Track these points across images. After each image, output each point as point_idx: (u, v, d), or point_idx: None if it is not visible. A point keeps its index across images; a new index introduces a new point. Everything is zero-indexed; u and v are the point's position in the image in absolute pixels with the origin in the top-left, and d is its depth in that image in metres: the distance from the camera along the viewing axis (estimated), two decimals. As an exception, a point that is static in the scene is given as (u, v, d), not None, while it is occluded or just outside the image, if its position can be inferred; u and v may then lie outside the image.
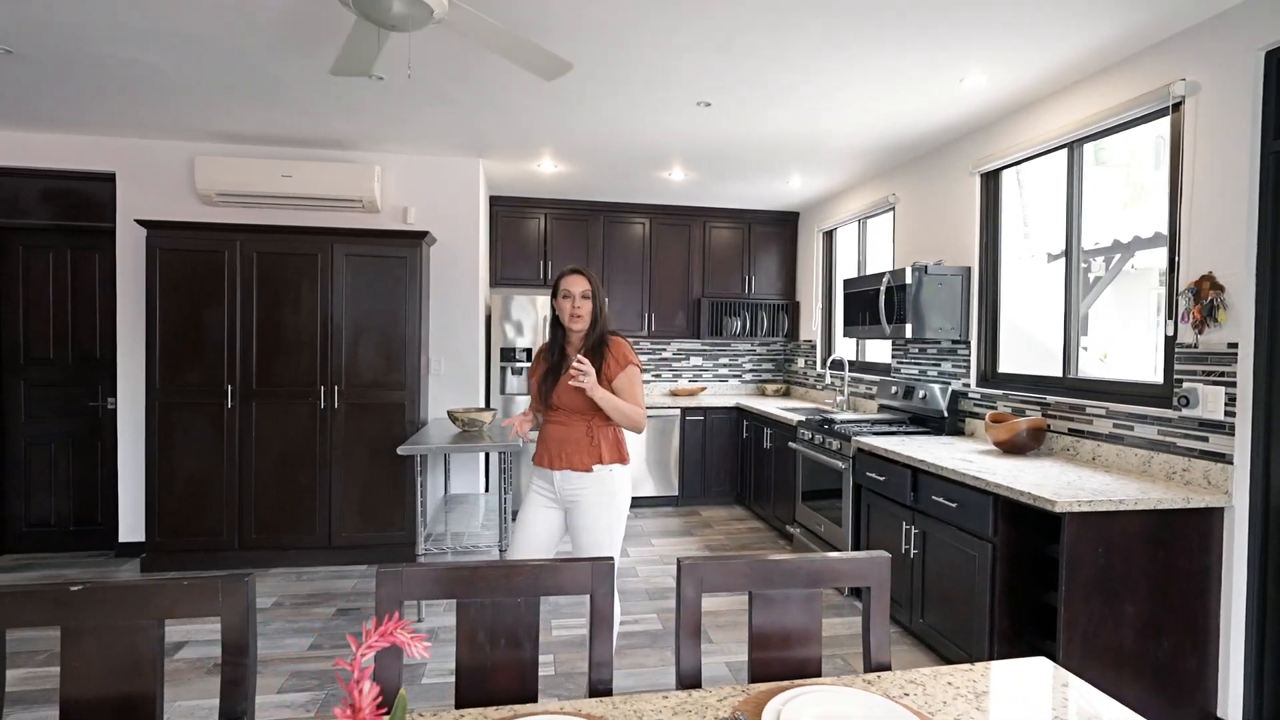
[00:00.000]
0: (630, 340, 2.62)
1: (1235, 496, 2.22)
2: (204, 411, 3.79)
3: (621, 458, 2.33)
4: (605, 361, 2.29)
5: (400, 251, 3.93)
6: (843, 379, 4.95)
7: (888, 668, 1.27)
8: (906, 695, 1.13)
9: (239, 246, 3.79)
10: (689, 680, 1.21)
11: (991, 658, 2.47)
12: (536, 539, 2.35)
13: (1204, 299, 2.31)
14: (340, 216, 4.17)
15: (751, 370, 6.17)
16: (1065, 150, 3.01)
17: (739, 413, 5.37)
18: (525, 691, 1.20)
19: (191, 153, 4.01)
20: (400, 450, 3.16)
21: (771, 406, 4.98)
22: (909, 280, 3.53)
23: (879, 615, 1.27)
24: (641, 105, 3.28)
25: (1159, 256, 3.15)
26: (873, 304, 3.88)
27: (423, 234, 3.93)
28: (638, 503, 5.28)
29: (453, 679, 2.65)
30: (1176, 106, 2.44)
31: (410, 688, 2.60)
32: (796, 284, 5.87)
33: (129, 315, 3.98)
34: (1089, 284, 3.55)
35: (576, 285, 2.30)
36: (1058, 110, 3.01)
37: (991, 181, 3.49)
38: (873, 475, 3.25)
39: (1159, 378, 2.58)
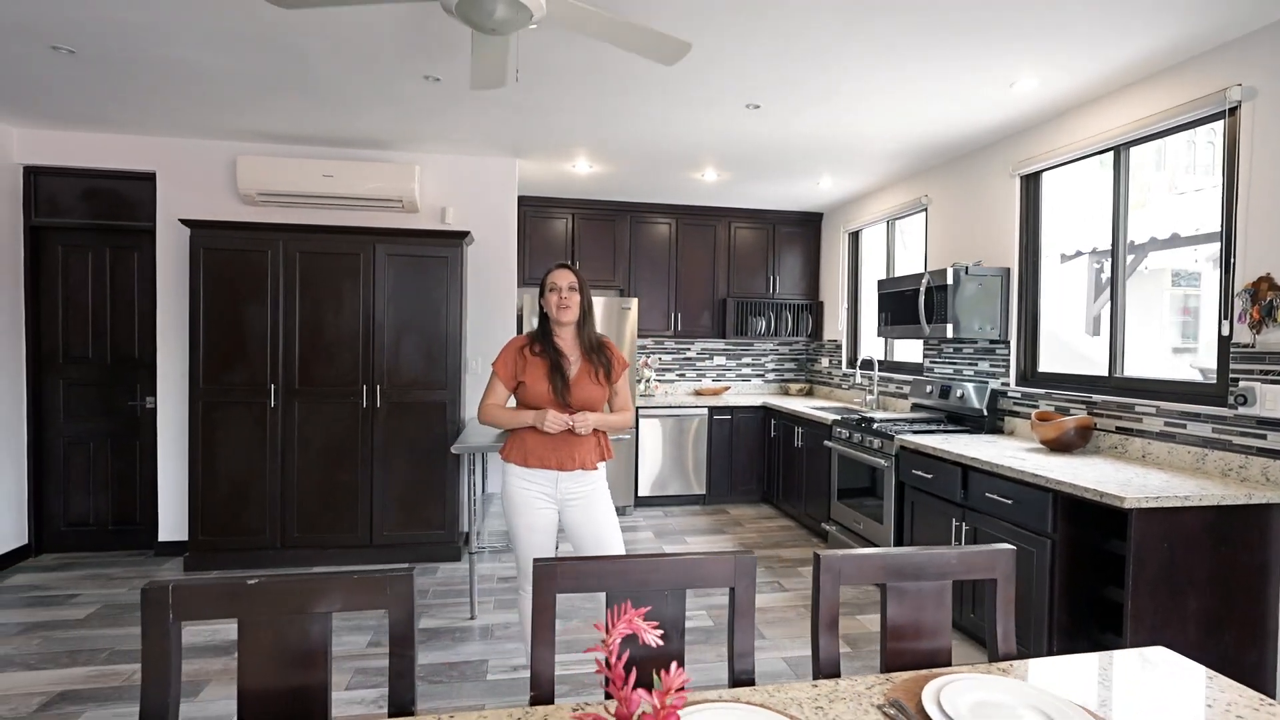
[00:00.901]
0: (656, 340, 2.63)
1: (1294, 493, 2.28)
2: (247, 410, 3.80)
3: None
4: (610, 363, 2.38)
5: (441, 251, 3.95)
6: (872, 378, 5.00)
7: (1014, 657, 1.31)
8: (1045, 682, 1.16)
9: (282, 246, 3.80)
10: (828, 670, 1.25)
11: (1050, 651, 2.52)
12: (548, 544, 2.37)
13: (1262, 299, 2.36)
14: (379, 216, 4.19)
15: (774, 370, 6.22)
16: (1111, 154, 3.06)
17: (766, 412, 5.41)
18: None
19: (232, 152, 4.02)
20: (454, 449, 3.18)
21: (800, 405, 5.03)
22: (950, 280, 3.58)
23: (1005, 607, 1.31)
24: (691, 106, 3.32)
25: (1170, 258, 3.22)
26: (909, 304, 3.93)
27: (464, 234, 3.95)
28: (665, 501, 5.31)
29: (517, 675, 2.69)
30: (1232, 111, 2.49)
31: (476, 684, 2.63)
32: (820, 284, 5.92)
33: (169, 315, 3.98)
34: (1101, 285, 3.61)
35: (564, 279, 2.34)
36: (1104, 114, 3.06)
37: (1032, 183, 3.54)
38: (919, 473, 3.29)
39: (1177, 374, 2.63)
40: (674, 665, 0.66)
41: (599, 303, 5.09)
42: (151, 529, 4.09)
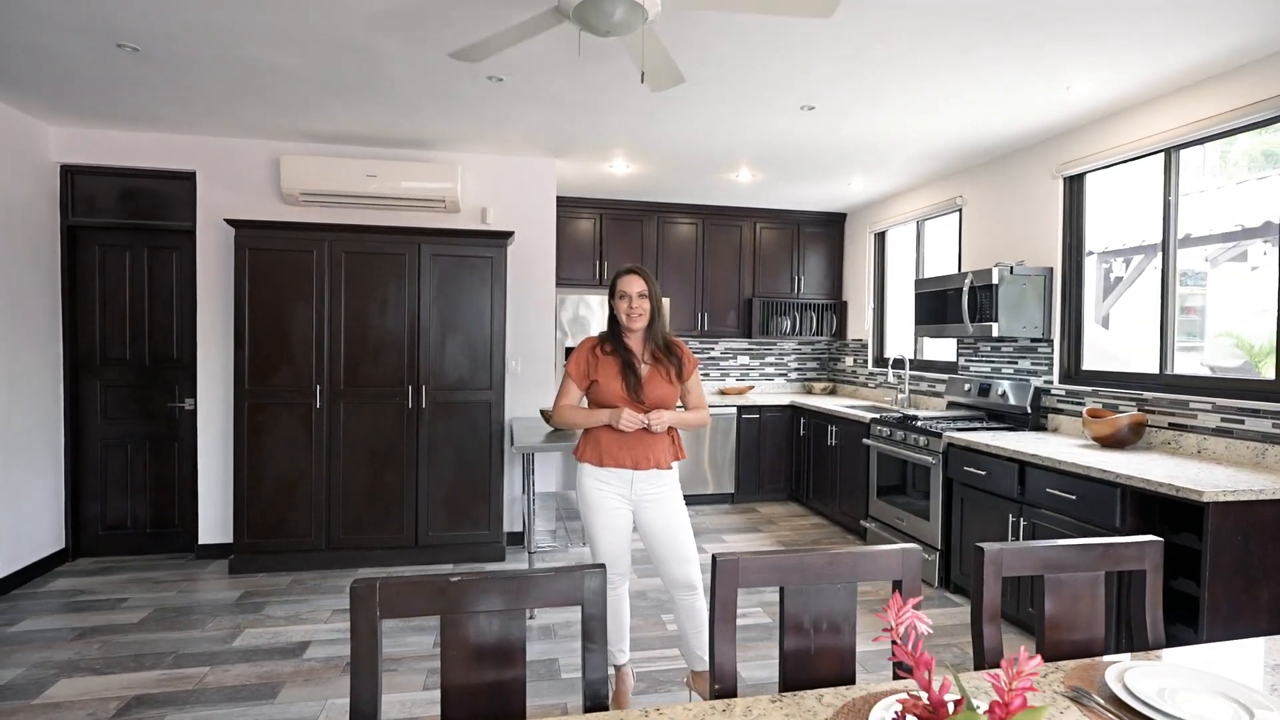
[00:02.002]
0: (683, 339, 2.62)
1: (1360, 486, 2.34)
2: (292, 412, 3.78)
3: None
4: (682, 363, 2.39)
5: (486, 251, 3.95)
6: (902, 377, 5.05)
7: (1163, 646, 1.34)
8: (1208, 666, 1.20)
9: (328, 246, 3.78)
10: (993, 660, 1.28)
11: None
12: (624, 543, 2.36)
13: (1326, 298, 2.43)
14: (420, 216, 4.17)
15: (797, 369, 6.27)
16: (1162, 155, 3.13)
17: (794, 411, 5.46)
18: (844, 674, 1.26)
19: (273, 151, 3.99)
20: (514, 448, 3.18)
21: (830, 404, 5.07)
22: (995, 280, 3.64)
23: (1153, 596, 1.35)
24: (749, 105, 3.34)
25: (1184, 258, 3.29)
26: (950, 303, 3.98)
27: (508, 234, 3.96)
28: (695, 500, 5.34)
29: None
30: (1294, 115, 2.56)
31: (552, 684, 2.64)
32: (843, 284, 5.97)
33: (210, 315, 3.95)
34: (1110, 284, 3.69)
35: (633, 285, 2.34)
36: (1153, 116, 3.12)
37: (1075, 184, 3.61)
38: (971, 470, 3.34)
39: (1227, 371, 2.70)
40: (1021, 650, 0.68)
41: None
42: (191, 532, 4.05)
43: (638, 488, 2.33)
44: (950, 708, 0.71)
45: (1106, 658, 1.26)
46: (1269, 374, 2.77)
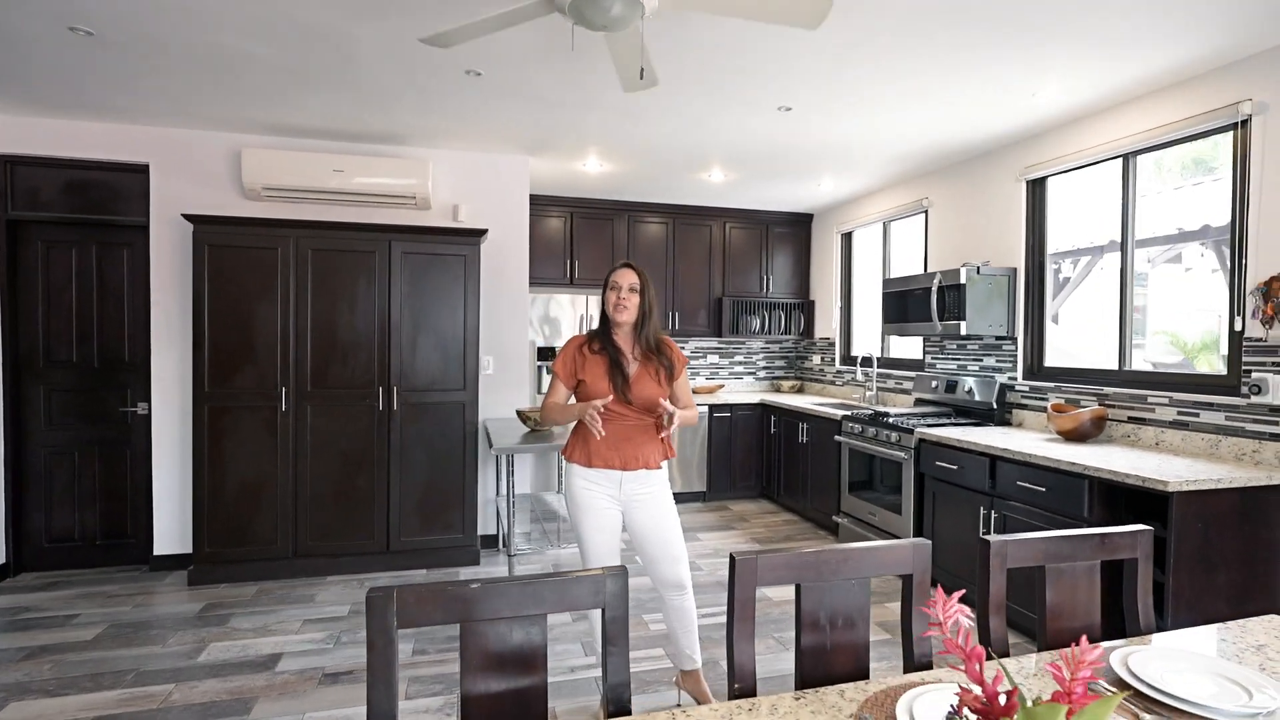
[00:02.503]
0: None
1: (1306, 474, 2.49)
2: (256, 415, 3.63)
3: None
4: (672, 363, 2.37)
5: (459, 250, 3.87)
6: (869, 375, 5.16)
7: (1153, 631, 1.40)
8: (1196, 649, 1.26)
9: (293, 243, 3.65)
10: (999, 650, 1.31)
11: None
12: (614, 543, 2.33)
13: (1275, 297, 2.57)
14: (389, 213, 4.07)
15: (765, 368, 6.34)
16: (1120, 161, 3.27)
17: (764, 409, 5.51)
18: (859, 669, 1.27)
19: (234, 144, 3.83)
20: (494, 449, 3.13)
21: (800, 402, 5.15)
22: (963, 280, 3.74)
23: (1144, 584, 1.40)
24: (727, 105, 3.35)
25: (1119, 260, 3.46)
26: (919, 302, 4.08)
27: (481, 232, 3.89)
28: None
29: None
30: (1243, 123, 2.70)
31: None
32: (811, 283, 6.07)
33: (165, 315, 3.76)
34: (1059, 284, 3.86)
35: (624, 278, 2.32)
36: (1112, 123, 3.26)
37: (1038, 188, 3.74)
38: (943, 465, 3.43)
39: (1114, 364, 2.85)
40: (1082, 639, 0.69)
41: (599, 301, 5.08)
42: (145, 543, 3.85)
43: (627, 488, 2.32)
44: (1002, 700, 0.72)
45: (1103, 644, 1.30)
46: (1204, 368, 2.93)
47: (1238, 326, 2.74)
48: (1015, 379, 3.84)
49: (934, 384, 4.31)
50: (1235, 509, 2.47)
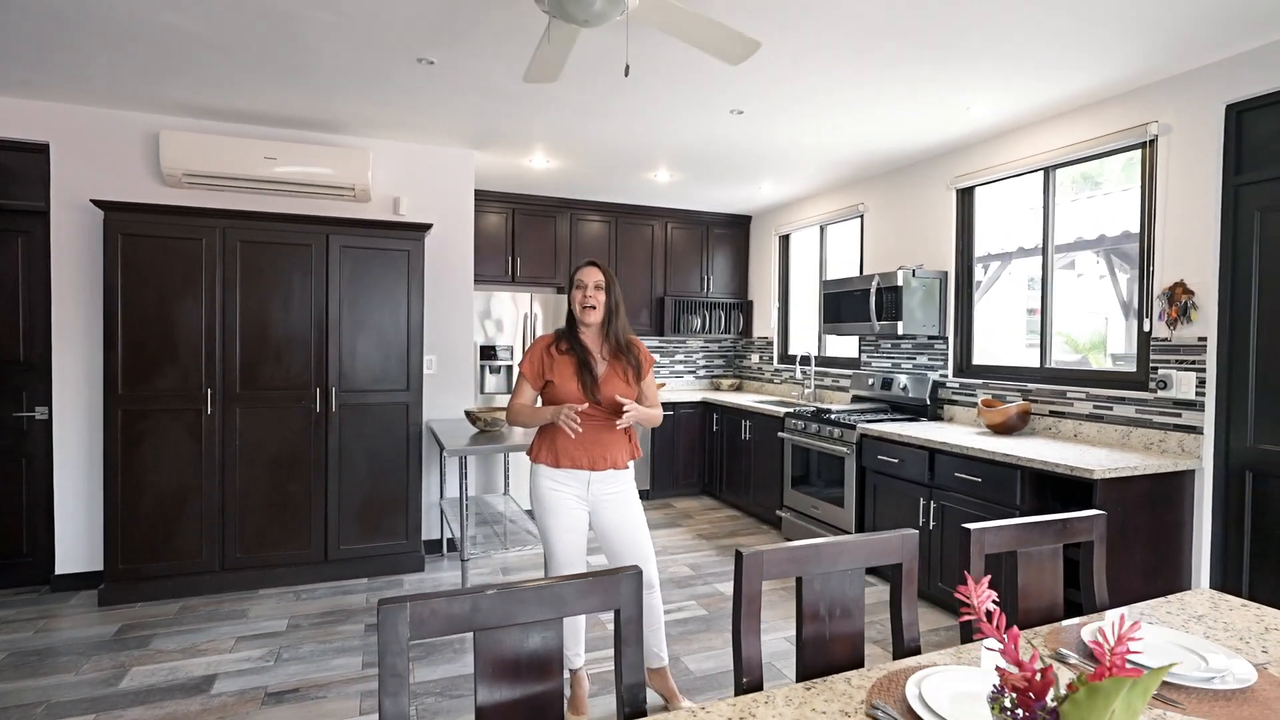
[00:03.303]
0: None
1: (1204, 460, 2.77)
2: (178, 419, 3.37)
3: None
4: (640, 363, 2.37)
5: (402, 245, 3.73)
6: (807, 373, 5.33)
7: (1107, 607, 1.52)
8: (1149, 626, 1.38)
9: (220, 234, 3.40)
10: (965, 636, 1.38)
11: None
12: (581, 544, 2.32)
13: (1178, 301, 2.84)
14: (325, 204, 3.86)
15: (704, 366, 6.44)
16: (1042, 173, 3.52)
17: (705, 407, 5.60)
18: (855, 657, 1.31)
19: (152, 126, 3.53)
20: (447, 452, 3.03)
21: (741, 400, 5.26)
22: (901, 282, 3.93)
23: (1099, 564, 1.52)
24: (681, 106, 3.38)
25: (1031, 265, 3.78)
26: (858, 303, 4.25)
27: (426, 226, 3.75)
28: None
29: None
30: (1151, 143, 2.97)
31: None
32: (749, 284, 6.21)
33: (68, 310, 3.43)
34: (974, 287, 4.17)
35: (590, 276, 2.32)
36: (1034, 138, 3.51)
37: (966, 196, 3.98)
38: (884, 458, 3.59)
39: (1034, 362, 3.13)
40: (1120, 617, 0.74)
41: (545, 300, 5.02)
42: (45, 561, 3.50)
43: (595, 488, 2.30)
44: (1037, 677, 0.76)
45: (1066, 621, 1.40)
46: (1094, 365, 3.21)
47: (1146, 328, 3.00)
48: (946, 376, 4.07)
49: (871, 381, 4.50)
50: (1147, 493, 2.71)
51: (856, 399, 4.65)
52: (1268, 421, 2.63)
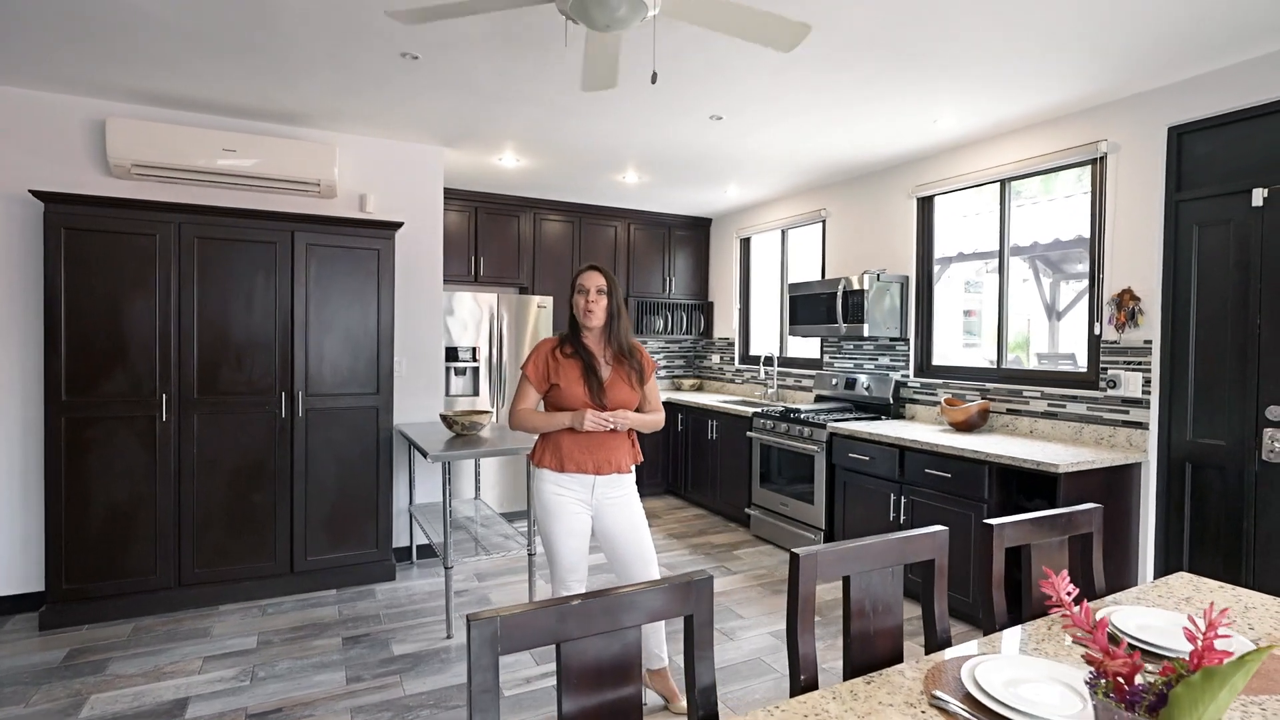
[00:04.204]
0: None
1: (1149, 453, 3.01)
2: (130, 426, 3.15)
3: None
4: (643, 367, 2.40)
5: (371, 243, 3.60)
6: (770, 373, 5.46)
7: (1105, 594, 1.64)
8: (1159, 609, 1.50)
9: (176, 229, 3.20)
10: (1001, 623, 1.47)
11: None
12: (584, 548, 2.32)
13: (1126, 307, 3.08)
14: (287, 200, 3.69)
15: (665, 366, 6.49)
16: (998, 185, 3.73)
17: (669, 407, 5.65)
18: (896, 651, 1.37)
19: (96, 112, 3.28)
20: (430, 458, 2.95)
21: (706, 400, 5.34)
22: (866, 286, 4.09)
23: (1098, 553, 1.63)
24: (663, 110, 3.40)
25: (967, 269, 4.04)
26: (824, 305, 4.39)
27: (397, 225, 3.64)
28: (580, 500, 5.31)
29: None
30: (1101, 159, 3.20)
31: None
32: (709, 285, 6.30)
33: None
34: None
35: (592, 280, 2.33)
36: (991, 151, 3.72)
37: (926, 205, 4.17)
38: (855, 456, 3.73)
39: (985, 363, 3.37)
40: (1210, 602, 0.81)
41: (509, 300, 4.95)
42: (-27, 583, 3.21)
43: (599, 492, 2.30)
44: (1122, 662, 0.83)
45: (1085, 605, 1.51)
46: (1030, 364, 3.46)
47: (1096, 331, 3.24)
48: (908, 376, 4.25)
49: (834, 381, 4.66)
50: (1101, 485, 2.92)
51: (820, 398, 4.80)
52: (1205, 417, 2.88)
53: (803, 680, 1.23)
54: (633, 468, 2.40)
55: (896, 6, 2.31)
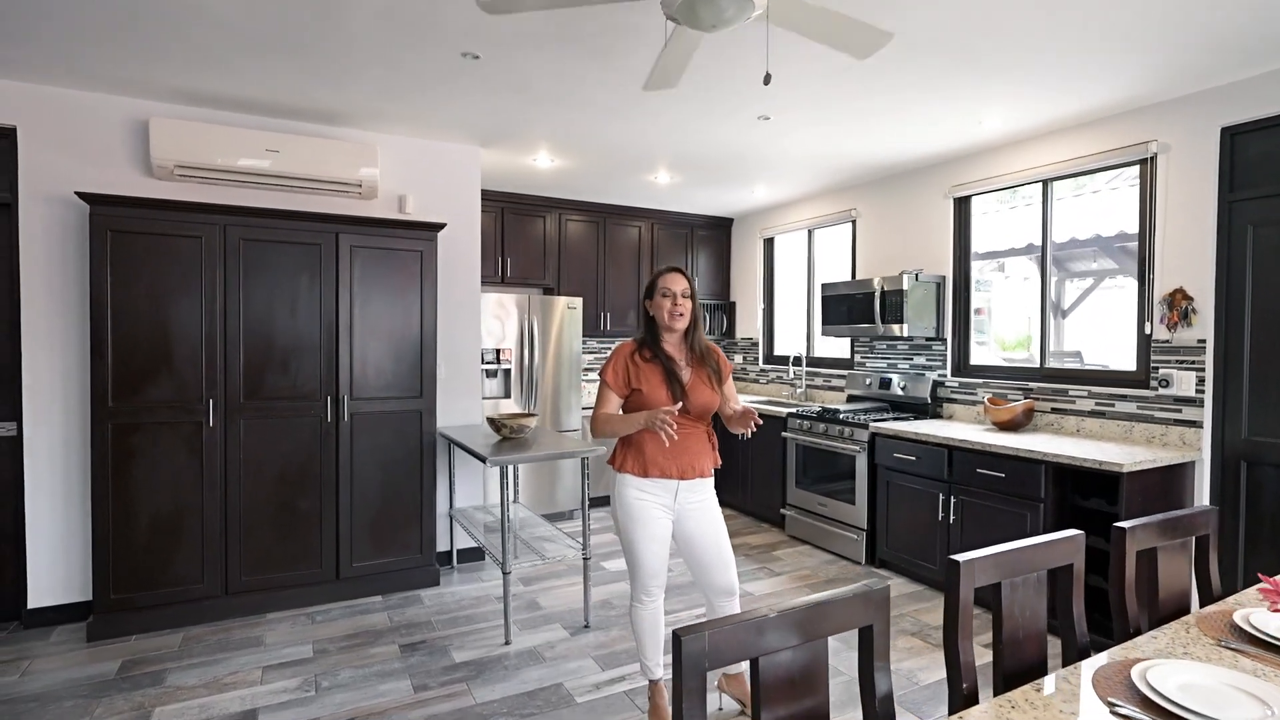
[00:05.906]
0: (585, 339, 2.47)
1: (1204, 452, 3.03)
2: (175, 432, 3.09)
3: None
4: (720, 368, 2.38)
5: (415, 244, 3.56)
6: (798, 373, 5.46)
7: (1223, 596, 1.64)
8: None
9: (222, 231, 3.15)
10: (1136, 628, 1.47)
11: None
12: (664, 553, 2.29)
13: (1178, 306, 3.10)
14: (328, 201, 3.64)
15: (686, 367, 6.47)
16: (1040, 185, 3.75)
17: (696, 408, 5.63)
18: (1042, 654, 1.36)
19: (139, 112, 3.22)
20: (489, 463, 2.92)
21: (737, 400, 5.33)
22: (906, 286, 4.09)
23: (1214, 555, 1.64)
24: (712, 112, 3.38)
25: (978, 269, 4.06)
26: (858, 305, 4.40)
27: (440, 226, 3.60)
28: (603, 502, 5.29)
29: (602, 694, 2.56)
30: (1151, 160, 3.22)
31: (573, 710, 2.48)
32: (731, 285, 6.29)
33: (41, 314, 3.09)
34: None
35: (677, 284, 2.31)
36: (1033, 151, 3.73)
37: (964, 205, 4.18)
38: (900, 456, 3.73)
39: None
40: None
41: (536, 301, 4.92)
42: (15, 595, 3.13)
43: (682, 497, 2.28)
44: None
45: (1202, 610, 1.51)
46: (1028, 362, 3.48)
47: (1147, 330, 3.26)
48: (945, 376, 4.26)
49: (868, 381, 4.66)
50: (1158, 483, 2.94)
51: (853, 398, 4.80)
52: (1260, 415, 2.90)
53: (965, 689, 1.22)
54: (713, 471, 2.38)
55: (962, 9, 2.31)
